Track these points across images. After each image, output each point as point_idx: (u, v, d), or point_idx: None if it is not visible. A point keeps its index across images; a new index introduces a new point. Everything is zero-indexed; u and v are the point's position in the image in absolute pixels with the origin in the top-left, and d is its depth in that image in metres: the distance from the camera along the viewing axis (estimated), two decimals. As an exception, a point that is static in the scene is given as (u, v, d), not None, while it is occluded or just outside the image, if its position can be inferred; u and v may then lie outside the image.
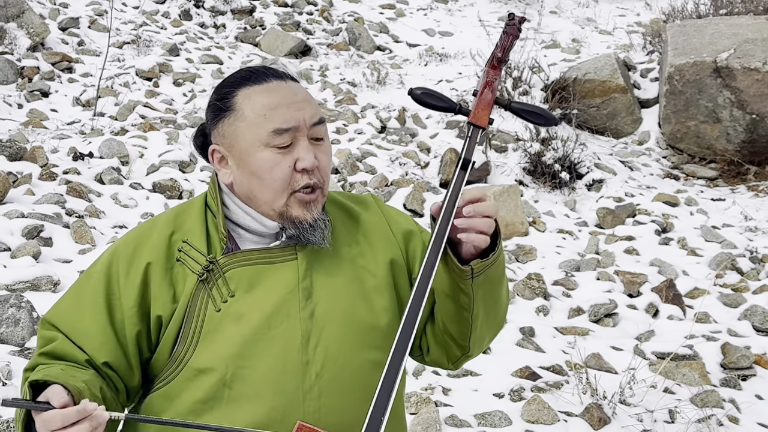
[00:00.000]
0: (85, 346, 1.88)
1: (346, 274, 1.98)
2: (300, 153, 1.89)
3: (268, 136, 1.89)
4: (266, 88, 1.94)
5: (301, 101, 1.93)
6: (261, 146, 1.89)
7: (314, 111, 1.94)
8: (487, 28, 12.07)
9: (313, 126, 1.92)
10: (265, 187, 1.91)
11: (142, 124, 7.88)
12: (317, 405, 1.85)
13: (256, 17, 11.55)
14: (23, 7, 9.21)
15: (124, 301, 1.90)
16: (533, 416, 4.17)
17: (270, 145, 1.89)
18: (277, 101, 1.91)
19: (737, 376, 4.86)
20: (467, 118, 1.95)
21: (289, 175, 1.89)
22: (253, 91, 1.94)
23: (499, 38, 2.00)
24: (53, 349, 1.88)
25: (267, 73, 1.97)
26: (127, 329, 1.89)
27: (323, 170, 1.94)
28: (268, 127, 1.89)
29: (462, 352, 2.03)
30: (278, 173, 1.89)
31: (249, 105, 1.92)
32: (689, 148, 8.52)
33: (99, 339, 1.88)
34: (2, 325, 4.27)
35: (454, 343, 2.01)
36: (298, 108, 1.91)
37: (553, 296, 5.77)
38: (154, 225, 2.01)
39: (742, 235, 6.90)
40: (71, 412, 1.63)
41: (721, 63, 7.93)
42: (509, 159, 7.98)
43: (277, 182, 1.89)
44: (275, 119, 1.89)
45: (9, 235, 5.25)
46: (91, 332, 1.89)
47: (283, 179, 1.89)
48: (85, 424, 1.64)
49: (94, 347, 1.87)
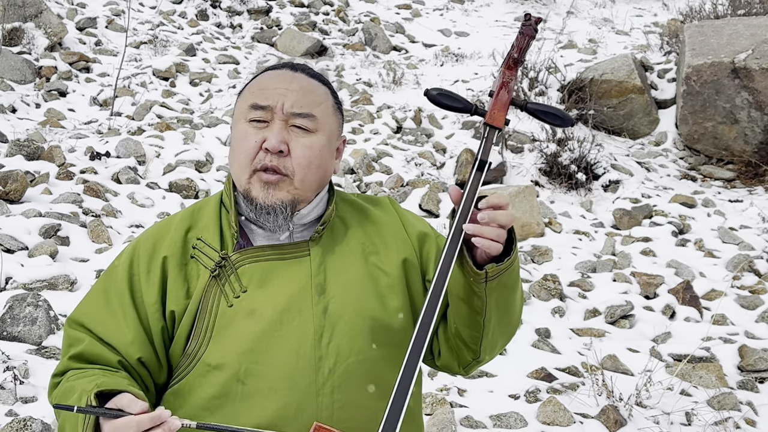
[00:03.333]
0: (117, 345, 1.88)
1: (360, 271, 1.98)
2: (269, 133, 1.92)
3: (247, 110, 1.95)
4: (270, 73, 2.02)
5: (293, 89, 1.97)
6: (242, 119, 1.96)
7: (302, 102, 1.96)
8: (503, 28, 12.06)
9: (295, 115, 1.94)
10: (235, 160, 1.96)
11: (159, 123, 7.91)
12: (330, 400, 1.85)
13: (272, 17, 11.58)
14: (41, 7, 9.26)
15: (146, 297, 1.92)
16: (549, 418, 4.16)
17: (248, 119, 1.95)
18: (270, 83, 1.98)
19: (755, 378, 4.84)
20: (483, 119, 1.94)
21: (253, 150, 1.92)
22: (261, 75, 2.03)
23: (515, 39, 2.00)
24: (83, 352, 1.88)
25: (286, 65, 2.04)
26: (152, 325, 1.91)
27: (296, 161, 1.93)
28: (250, 100, 1.96)
29: (473, 357, 2.02)
30: (245, 145, 1.93)
31: (250, 84, 2.02)
32: (706, 149, 8.48)
33: (130, 336, 1.89)
34: (20, 323, 4.30)
35: (466, 347, 2.00)
36: (282, 92, 1.95)
37: (569, 297, 5.76)
38: (171, 221, 2.03)
39: (759, 236, 6.87)
40: (145, 418, 1.62)
41: (739, 63, 7.89)
42: (525, 159, 7.96)
43: (241, 154, 1.93)
44: (257, 96, 1.96)
45: (26, 234, 5.28)
46: (121, 329, 1.89)
47: (247, 152, 1.92)
48: (158, 431, 1.64)
49: (126, 344, 1.88)
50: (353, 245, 2.02)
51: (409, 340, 1.76)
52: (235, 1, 11.64)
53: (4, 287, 4.71)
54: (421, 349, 1.75)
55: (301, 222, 1.98)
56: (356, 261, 1.99)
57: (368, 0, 12.85)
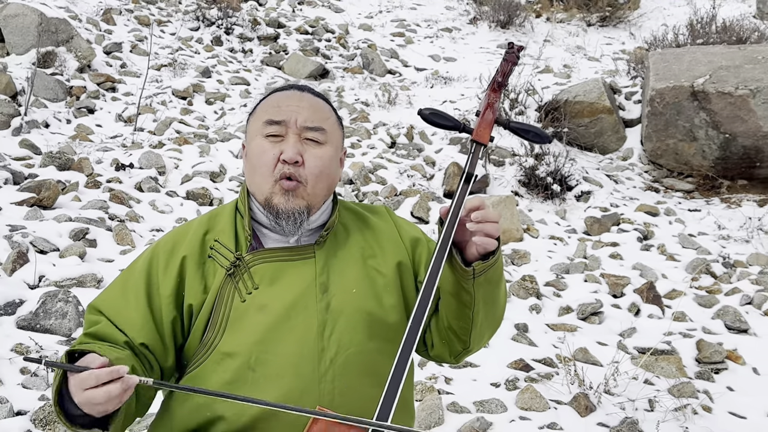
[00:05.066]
0: (125, 329, 1.91)
1: (359, 272, 1.99)
2: (285, 146, 1.93)
3: (262, 126, 1.97)
4: (280, 94, 2.04)
5: (303, 106, 1.99)
6: (258, 136, 1.98)
7: (313, 117, 1.98)
8: (487, 54, 12.08)
9: (307, 129, 1.96)
10: (256, 172, 1.97)
11: (178, 138, 7.90)
12: (331, 387, 1.86)
13: (280, 43, 11.59)
14: (72, 33, 9.25)
15: (162, 290, 1.93)
16: (526, 404, 4.16)
17: (263, 135, 1.96)
18: (281, 101, 2.00)
19: (711, 369, 4.84)
20: (470, 136, 1.96)
21: (273, 162, 1.94)
22: (271, 96, 2.05)
23: (500, 64, 2.01)
24: (96, 331, 1.92)
25: (292, 85, 2.08)
26: (164, 315, 1.92)
27: (309, 169, 1.95)
28: (264, 117, 1.97)
29: (463, 347, 2.04)
30: (265, 159, 1.94)
31: (262, 104, 2.03)
32: (668, 164, 8.50)
33: (139, 323, 1.91)
34: (51, 317, 4.29)
35: (457, 338, 2.01)
36: (294, 108, 1.98)
37: (545, 296, 5.76)
38: (190, 226, 2.05)
39: (715, 242, 6.88)
40: (103, 372, 1.64)
41: (698, 87, 7.91)
42: (506, 172, 7.97)
43: (263, 168, 1.95)
44: (271, 112, 1.97)
45: (58, 236, 5.28)
46: (132, 317, 1.92)
47: (268, 165, 1.94)
48: (117, 385, 1.65)
49: (134, 329, 1.91)
50: (353, 249, 2.03)
51: (402, 334, 1.78)
52: (246, 28, 11.65)
53: (37, 284, 4.70)
54: (413, 342, 1.76)
55: (309, 227, 1.99)
56: (356, 263, 2.01)
57: (366, 28, 12.86)
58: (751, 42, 10.03)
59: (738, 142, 7.85)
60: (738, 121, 7.78)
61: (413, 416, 2.09)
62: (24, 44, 8.83)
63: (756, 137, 7.74)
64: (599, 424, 4.07)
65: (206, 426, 1.89)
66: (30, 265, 4.79)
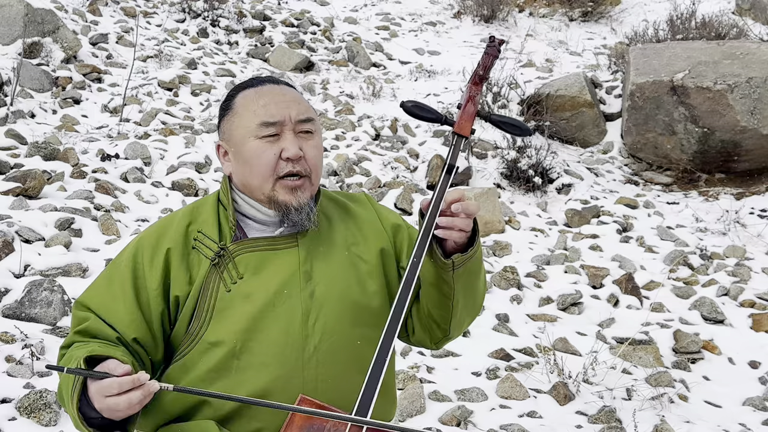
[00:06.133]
0: (115, 325, 1.89)
1: (342, 260, 2.00)
2: (285, 144, 1.93)
3: (257, 128, 1.94)
4: (259, 90, 2.00)
5: (289, 100, 1.97)
6: (251, 137, 1.94)
7: (301, 109, 1.98)
8: (471, 48, 12.08)
9: (300, 122, 1.96)
10: (254, 174, 1.95)
11: (163, 129, 7.86)
12: (315, 374, 1.87)
13: (265, 35, 11.54)
14: (58, 24, 9.18)
15: (149, 283, 1.92)
16: (507, 392, 4.19)
17: (259, 137, 1.94)
18: (267, 99, 1.97)
19: (687, 359, 4.89)
20: (452, 128, 1.96)
21: (274, 162, 1.93)
22: (248, 93, 2.00)
23: (481, 58, 2.02)
24: (87, 328, 1.90)
25: (263, 80, 2.04)
26: (152, 308, 1.92)
27: (310, 161, 1.96)
28: (257, 120, 1.94)
29: (443, 335, 2.05)
30: (264, 160, 1.93)
31: (243, 104, 1.98)
32: (648, 158, 8.54)
33: (128, 318, 1.90)
34: (36, 306, 4.27)
35: (437, 326, 2.03)
36: (285, 106, 1.96)
37: (526, 287, 5.79)
38: (174, 218, 2.04)
39: (693, 234, 6.93)
40: (126, 380, 1.64)
41: (677, 82, 7.96)
42: (488, 165, 7.99)
43: (263, 168, 1.93)
44: (263, 114, 1.94)
45: (43, 226, 5.25)
46: (120, 312, 1.90)
47: (269, 165, 1.93)
48: (138, 392, 1.65)
49: (124, 325, 1.89)
50: (336, 237, 2.04)
51: (385, 320, 1.79)
52: (232, 20, 11.59)
53: (23, 274, 4.68)
54: (394, 331, 1.77)
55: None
56: (339, 251, 2.01)
57: (351, 21, 12.82)
58: (729, 38, 10.08)
59: (716, 136, 7.90)
60: (716, 116, 7.83)
61: (395, 403, 2.10)
62: (10, 35, 8.75)
63: (734, 131, 7.80)
64: (578, 412, 4.10)
65: (192, 412, 1.89)
66: (15, 255, 4.76)
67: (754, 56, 7.97)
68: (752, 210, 7.30)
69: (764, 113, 7.67)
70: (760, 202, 7.48)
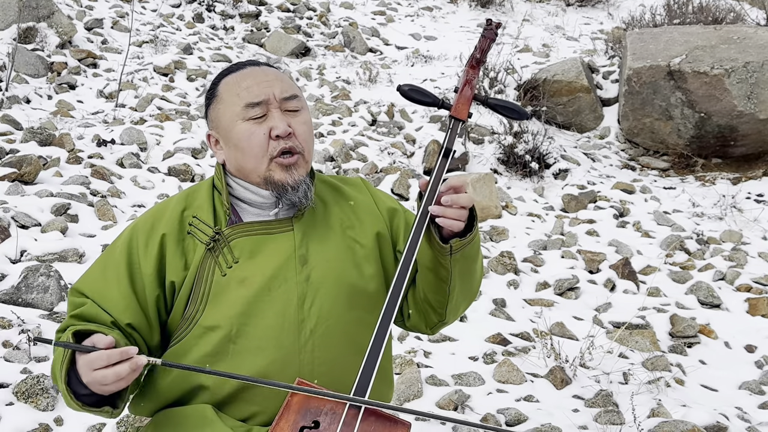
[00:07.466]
0: (110, 310, 1.89)
1: (338, 243, 1.99)
2: (273, 122, 1.92)
3: (242, 111, 1.93)
4: (240, 74, 2.00)
5: (272, 79, 1.97)
6: (238, 120, 1.94)
7: (284, 87, 1.97)
8: (467, 33, 12.04)
9: (285, 100, 1.95)
10: (247, 156, 1.94)
11: (159, 114, 7.84)
12: (311, 358, 1.86)
13: (261, 21, 11.49)
14: (53, 9, 9.13)
15: (144, 269, 1.92)
16: (504, 377, 4.19)
17: (245, 119, 1.93)
18: (249, 81, 1.96)
19: (683, 343, 4.90)
20: (449, 112, 1.96)
21: (265, 141, 1.92)
22: (230, 78, 2.00)
23: (478, 41, 2.01)
24: (82, 312, 1.90)
25: (243, 63, 2.04)
26: (147, 294, 1.91)
27: (301, 137, 1.96)
28: (241, 102, 1.94)
29: (439, 319, 2.05)
30: (255, 140, 1.92)
31: (226, 89, 1.98)
32: (644, 143, 8.54)
33: (123, 303, 1.90)
34: (33, 291, 4.27)
35: (433, 310, 2.02)
36: (267, 85, 1.95)
37: (523, 272, 5.79)
38: (168, 203, 2.03)
39: (690, 219, 6.93)
40: (115, 352, 1.65)
41: (674, 67, 7.94)
42: (485, 150, 7.98)
43: (255, 149, 1.93)
44: (247, 95, 1.94)
45: (39, 212, 5.23)
46: (115, 298, 1.90)
47: (260, 146, 1.92)
48: (126, 365, 1.65)
49: (119, 310, 1.89)
50: (332, 221, 2.03)
51: (381, 303, 1.78)
52: (228, 5, 11.54)
53: (19, 259, 4.67)
54: (391, 314, 1.77)
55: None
56: (335, 235, 2.01)
57: (347, 6, 12.77)
58: (726, 22, 10.06)
59: (713, 121, 7.90)
60: (713, 101, 7.82)
61: (392, 386, 2.10)
62: (5, 19, 8.71)
63: (730, 116, 7.79)
64: (574, 396, 4.11)
65: (189, 396, 1.89)
66: (12, 240, 4.75)
67: (751, 41, 7.96)
68: (749, 195, 7.31)
69: (761, 98, 7.66)
70: (757, 186, 7.49)
